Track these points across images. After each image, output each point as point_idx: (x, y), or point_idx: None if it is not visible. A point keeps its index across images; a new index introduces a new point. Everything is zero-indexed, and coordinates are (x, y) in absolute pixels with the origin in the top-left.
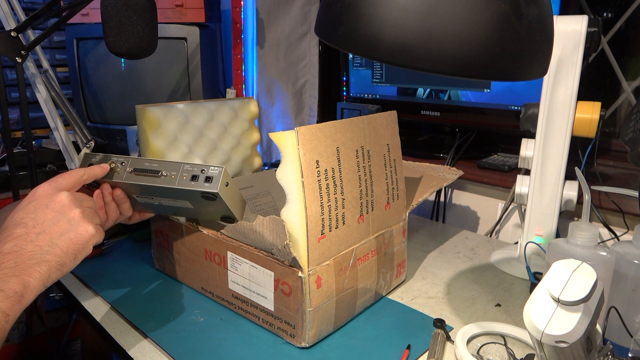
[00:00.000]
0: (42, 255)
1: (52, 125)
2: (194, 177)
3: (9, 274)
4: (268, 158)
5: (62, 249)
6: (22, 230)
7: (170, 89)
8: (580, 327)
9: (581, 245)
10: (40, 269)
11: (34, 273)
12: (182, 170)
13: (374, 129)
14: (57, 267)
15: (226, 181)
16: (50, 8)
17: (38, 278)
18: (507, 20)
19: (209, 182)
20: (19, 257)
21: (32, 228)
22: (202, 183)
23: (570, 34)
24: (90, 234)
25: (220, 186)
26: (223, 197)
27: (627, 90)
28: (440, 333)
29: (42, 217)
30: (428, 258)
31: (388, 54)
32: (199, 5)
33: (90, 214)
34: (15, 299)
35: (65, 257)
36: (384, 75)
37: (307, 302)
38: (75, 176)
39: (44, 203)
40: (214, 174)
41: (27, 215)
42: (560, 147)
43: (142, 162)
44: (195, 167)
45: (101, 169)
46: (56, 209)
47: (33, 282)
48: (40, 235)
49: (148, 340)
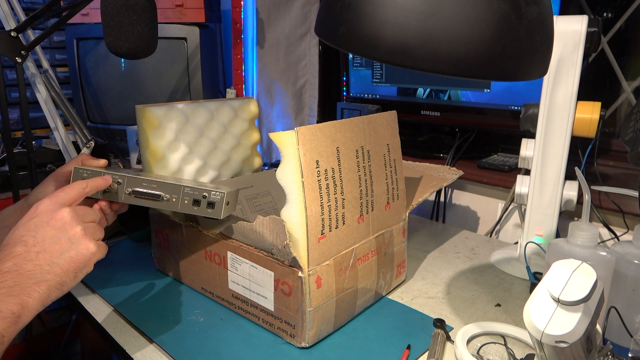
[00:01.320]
0: (41, 274)
1: (52, 125)
2: (196, 202)
3: (7, 294)
4: (268, 158)
5: (62, 268)
6: (22, 248)
7: (170, 89)
8: (580, 327)
9: (581, 245)
10: (40, 289)
11: (33, 293)
12: (183, 193)
13: (374, 129)
14: (57, 287)
15: (227, 201)
16: (50, 8)
17: (37, 298)
18: (507, 20)
19: (211, 207)
20: (18, 277)
21: (32, 246)
22: (205, 209)
23: (570, 34)
24: (92, 252)
25: (224, 211)
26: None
27: (627, 90)
28: (440, 333)
29: (42, 235)
30: (428, 258)
31: (388, 54)
32: (199, 5)
33: (92, 230)
34: (12, 320)
35: (65, 277)
36: (384, 75)
37: (307, 302)
38: (77, 189)
39: (44, 220)
40: (216, 200)
41: (27, 233)
42: (560, 147)
43: (140, 182)
44: (196, 190)
45: (104, 181)
46: (57, 226)
47: (32, 302)
48: (40, 254)
49: (148, 340)
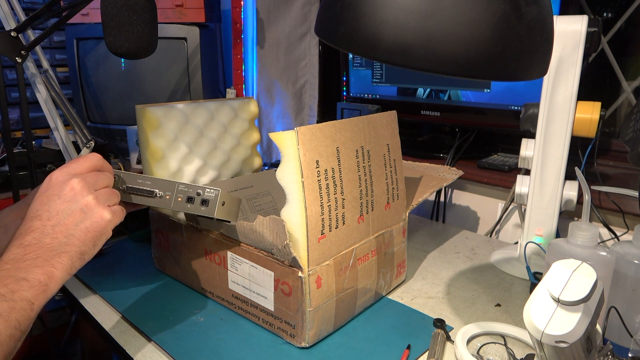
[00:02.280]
0: (60, 247)
1: (52, 125)
2: (190, 199)
3: (32, 265)
4: (268, 158)
5: (79, 239)
6: (38, 222)
7: (170, 89)
8: (580, 327)
9: (581, 245)
10: (62, 260)
11: (57, 264)
12: (177, 190)
13: (374, 129)
14: (78, 256)
15: (222, 201)
16: (50, 8)
17: (61, 269)
18: (507, 20)
19: (205, 205)
20: (39, 249)
21: (47, 220)
22: (199, 207)
23: (570, 34)
24: (107, 220)
25: (217, 210)
26: (220, 217)
27: (627, 90)
28: (440, 333)
29: (55, 209)
30: (428, 258)
31: (388, 54)
32: (199, 5)
33: (105, 196)
34: (39, 289)
35: (84, 246)
36: (384, 75)
37: (307, 302)
38: (91, 161)
39: (55, 193)
40: (209, 198)
41: (41, 207)
42: (560, 147)
43: (135, 179)
44: (190, 188)
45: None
46: (68, 198)
47: (57, 272)
48: (56, 227)
49: (148, 340)
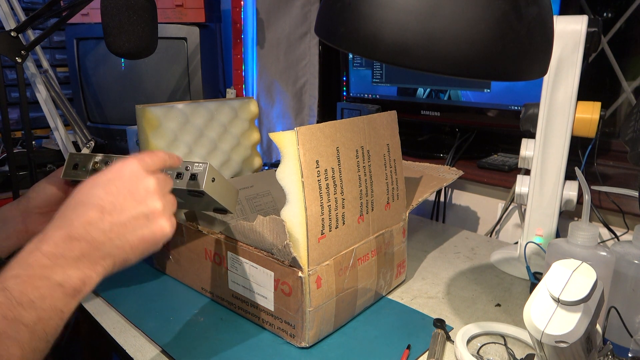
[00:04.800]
0: (110, 249)
1: (52, 125)
2: (179, 175)
3: (72, 266)
4: (268, 158)
5: (131, 246)
6: (98, 214)
7: (170, 89)
8: (580, 327)
9: (581, 245)
10: (105, 264)
11: (98, 267)
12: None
13: (374, 129)
14: (121, 263)
15: (212, 177)
16: (50, 8)
17: (100, 273)
18: (507, 20)
19: (193, 179)
20: (87, 247)
21: (109, 214)
22: (187, 181)
23: (570, 34)
24: (164, 233)
25: (206, 183)
26: (210, 193)
27: (627, 90)
28: (440, 333)
29: (122, 204)
30: (428, 258)
31: (388, 54)
32: (199, 5)
33: (170, 205)
34: (72, 295)
35: (132, 254)
36: (384, 75)
37: (307, 302)
38: (162, 158)
39: (127, 187)
40: (198, 171)
41: (106, 197)
42: (560, 147)
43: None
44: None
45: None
46: (139, 198)
47: (94, 277)
48: (115, 226)
49: (148, 340)
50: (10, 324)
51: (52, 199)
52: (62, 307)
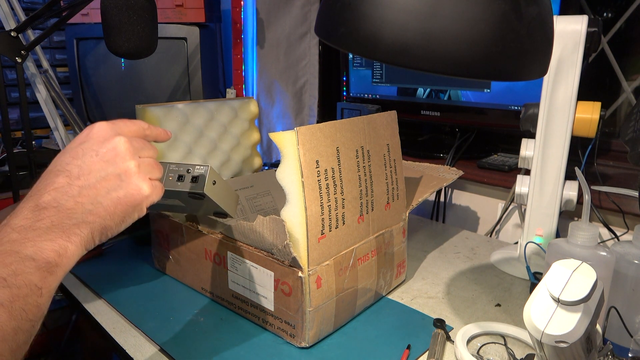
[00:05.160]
0: (83, 215)
1: (52, 125)
2: (180, 178)
3: (43, 237)
4: (268, 158)
5: (106, 210)
6: (65, 180)
7: (170, 89)
8: (580, 327)
9: (581, 245)
10: (81, 232)
11: (73, 236)
12: (168, 170)
13: (374, 129)
14: (100, 230)
15: (213, 180)
16: (50, 8)
17: (77, 242)
18: (507, 20)
19: (194, 182)
20: (57, 214)
21: (76, 179)
22: (188, 183)
23: (570, 34)
24: (143, 194)
25: (207, 186)
26: (211, 196)
27: (627, 90)
28: (440, 333)
29: (89, 166)
30: (428, 258)
31: (388, 54)
32: (199, 5)
33: (148, 167)
34: (48, 269)
35: (110, 220)
36: (384, 75)
37: (307, 302)
38: (139, 125)
39: (94, 148)
40: (199, 174)
41: (72, 161)
42: (560, 147)
43: None
44: (180, 166)
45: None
46: (107, 157)
47: (71, 247)
48: (84, 189)
49: (148, 340)
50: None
51: None
52: (38, 283)
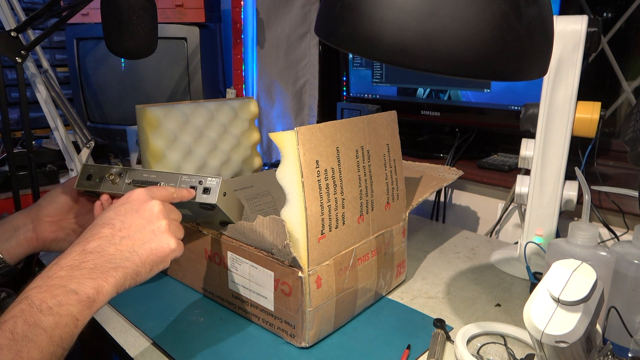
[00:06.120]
0: (121, 260)
1: (52, 125)
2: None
3: (86, 276)
4: (268, 158)
5: (141, 258)
6: (109, 231)
7: (170, 89)
8: (580, 327)
9: (581, 245)
10: (117, 275)
11: (110, 278)
12: (180, 181)
13: (374, 129)
14: (132, 276)
15: (224, 191)
16: (50, 8)
17: (112, 284)
18: (507, 20)
19: (207, 193)
20: (99, 259)
21: (119, 230)
22: (200, 194)
23: (570, 34)
24: (171, 248)
25: (219, 197)
26: (221, 207)
27: (627, 90)
28: (440, 333)
29: (129, 222)
30: (428, 258)
31: (388, 54)
32: (199, 5)
33: (175, 227)
34: (87, 304)
35: (142, 267)
36: (384, 75)
37: (307, 302)
38: (169, 191)
39: (134, 207)
40: (211, 185)
41: (116, 217)
42: (560, 147)
43: (141, 173)
44: (193, 177)
45: (188, 193)
46: (145, 216)
47: (107, 287)
48: (124, 239)
49: (148, 340)
50: (31, 328)
51: (63, 208)
52: (77, 315)
